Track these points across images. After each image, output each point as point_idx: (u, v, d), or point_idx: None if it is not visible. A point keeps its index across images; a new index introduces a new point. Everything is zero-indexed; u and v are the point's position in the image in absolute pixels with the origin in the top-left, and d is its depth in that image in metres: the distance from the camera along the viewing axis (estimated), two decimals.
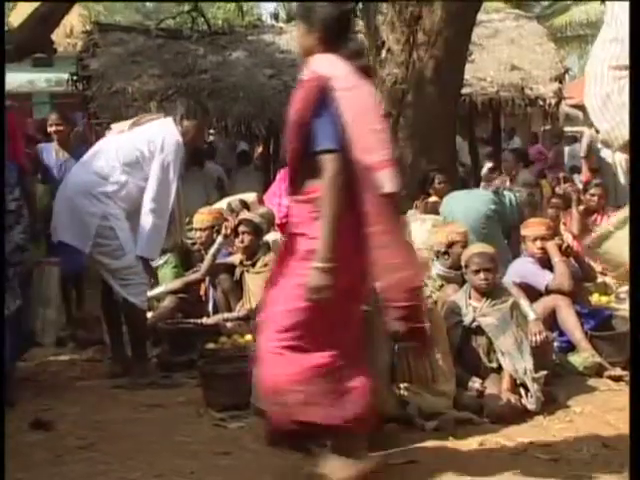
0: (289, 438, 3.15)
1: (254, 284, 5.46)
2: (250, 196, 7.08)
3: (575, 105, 16.53)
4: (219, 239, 5.79)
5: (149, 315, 5.38)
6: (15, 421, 3.91)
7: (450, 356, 4.18)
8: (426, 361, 4.06)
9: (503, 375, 4.23)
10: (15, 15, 14.43)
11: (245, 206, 6.71)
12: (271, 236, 6.07)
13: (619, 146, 2.60)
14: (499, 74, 11.22)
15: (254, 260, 5.60)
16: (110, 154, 4.85)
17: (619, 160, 7.60)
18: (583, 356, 4.82)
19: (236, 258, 5.75)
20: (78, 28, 16.85)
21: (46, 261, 4.90)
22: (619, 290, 5.82)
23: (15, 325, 4.39)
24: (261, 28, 12.32)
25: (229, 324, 5.45)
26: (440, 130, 7.81)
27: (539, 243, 5.19)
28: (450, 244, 5.09)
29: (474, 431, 3.85)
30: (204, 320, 5.57)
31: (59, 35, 15.24)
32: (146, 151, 4.79)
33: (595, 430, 3.83)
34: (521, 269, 5.25)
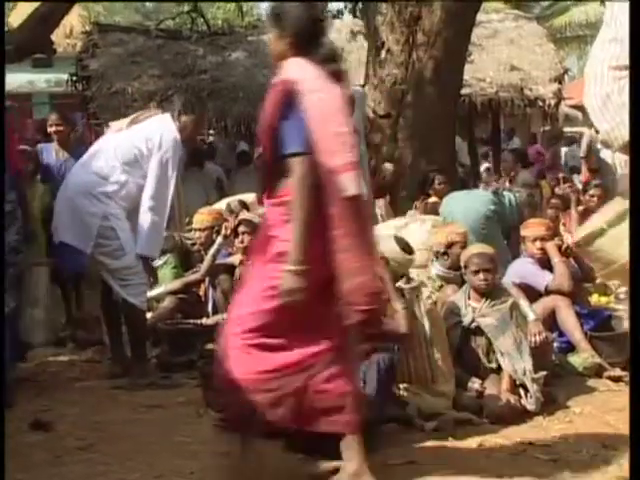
0: (246, 432, 3.15)
1: None
2: (249, 196, 7.06)
3: (575, 106, 16.52)
4: (219, 239, 5.78)
5: (149, 316, 5.38)
6: (14, 422, 3.90)
7: (449, 357, 4.18)
8: (426, 362, 4.06)
9: (503, 376, 4.23)
10: (15, 16, 14.41)
11: (244, 206, 6.69)
12: None
13: (619, 146, 2.60)
14: (498, 75, 11.23)
15: None
16: (109, 154, 4.84)
17: (619, 161, 7.61)
18: (583, 357, 4.82)
19: (236, 258, 5.75)
20: (78, 28, 16.86)
21: (35, 262, 4.88)
22: (619, 291, 5.82)
23: (12, 326, 4.38)
24: (261, 28, 12.25)
25: None
26: (439, 130, 7.82)
27: (539, 244, 5.19)
28: (449, 244, 5.10)
29: (473, 431, 3.85)
30: (204, 321, 5.57)
31: (59, 35, 15.24)
32: (144, 149, 4.79)
33: (595, 431, 3.84)
34: (521, 269, 5.25)
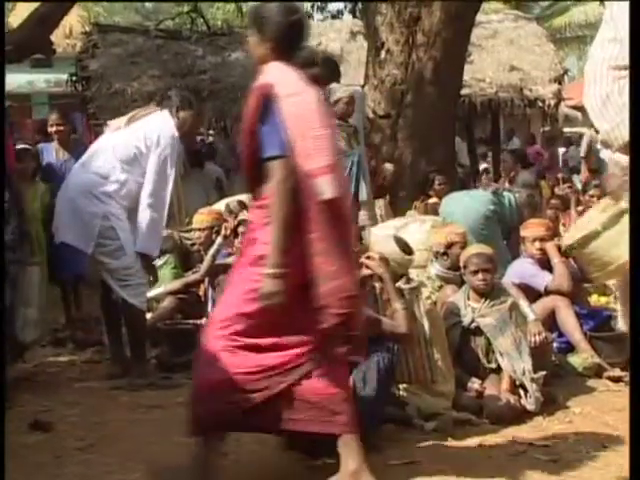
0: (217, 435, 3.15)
1: None
2: (249, 197, 7.04)
3: (574, 106, 16.54)
4: (219, 240, 5.77)
5: (148, 316, 5.37)
6: (14, 422, 3.89)
7: (449, 357, 4.18)
8: (425, 362, 4.06)
9: (502, 376, 4.23)
10: (14, 16, 14.41)
11: (244, 207, 6.68)
12: None
13: (619, 146, 2.60)
14: (498, 75, 11.24)
15: None
16: (108, 153, 4.84)
17: (610, 160, 7.59)
18: (582, 357, 4.82)
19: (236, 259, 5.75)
20: (77, 29, 16.84)
21: (28, 261, 4.88)
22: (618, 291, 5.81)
23: (6, 325, 4.39)
24: None
25: None
26: (439, 131, 7.82)
27: (538, 244, 5.19)
28: (449, 245, 5.10)
29: (473, 432, 3.85)
30: (204, 321, 5.56)
31: (58, 36, 15.23)
32: (143, 147, 4.78)
33: (594, 431, 3.84)
34: (520, 270, 5.25)
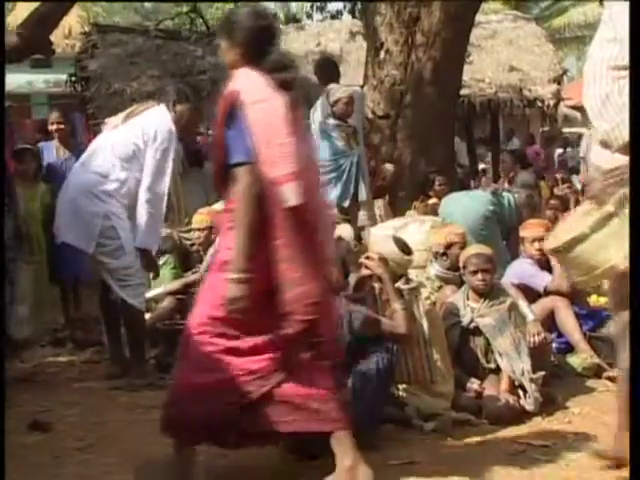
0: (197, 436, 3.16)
1: None
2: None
3: (574, 106, 16.54)
4: (218, 240, 5.77)
5: (147, 316, 5.37)
6: (14, 422, 3.88)
7: (448, 357, 4.18)
8: (424, 362, 4.06)
9: (501, 376, 4.24)
10: (14, 17, 14.41)
11: None
12: None
13: (619, 146, 2.60)
14: (497, 75, 11.24)
15: None
16: (107, 151, 4.83)
17: (592, 164, 7.57)
18: (582, 357, 4.82)
19: None
20: (77, 29, 16.81)
21: (23, 259, 4.89)
22: None
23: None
24: None
25: None
26: (438, 131, 7.82)
27: (537, 244, 5.18)
28: (448, 245, 5.10)
29: (472, 432, 3.86)
30: None
31: (58, 36, 15.20)
32: (141, 143, 4.78)
33: (593, 431, 3.83)
34: (519, 270, 5.25)
